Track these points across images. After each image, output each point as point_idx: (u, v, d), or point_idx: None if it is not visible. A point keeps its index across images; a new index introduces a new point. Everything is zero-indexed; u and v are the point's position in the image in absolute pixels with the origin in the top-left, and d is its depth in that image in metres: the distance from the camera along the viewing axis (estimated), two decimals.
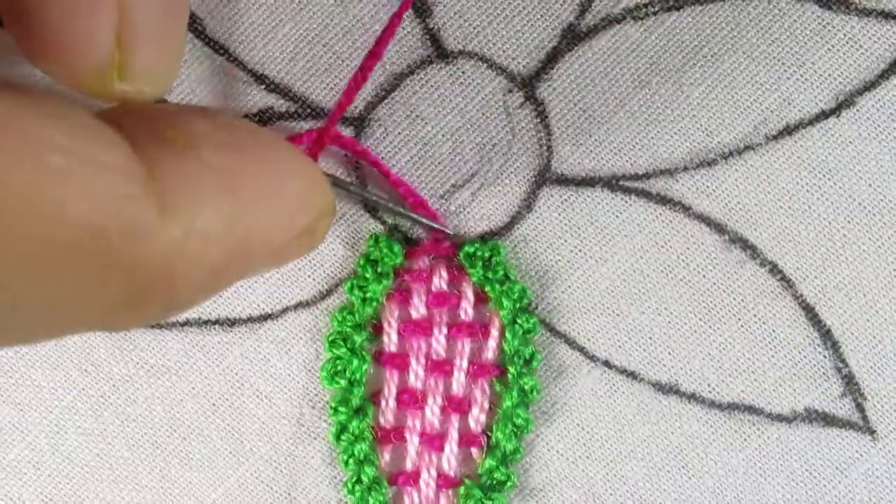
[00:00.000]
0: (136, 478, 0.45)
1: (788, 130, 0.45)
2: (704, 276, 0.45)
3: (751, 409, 0.45)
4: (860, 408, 0.45)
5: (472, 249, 0.44)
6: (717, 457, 0.45)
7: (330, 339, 0.44)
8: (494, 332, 0.45)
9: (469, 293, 0.45)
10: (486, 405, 0.45)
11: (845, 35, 0.44)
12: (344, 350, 0.44)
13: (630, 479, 0.45)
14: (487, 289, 0.44)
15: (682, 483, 0.45)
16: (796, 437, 0.45)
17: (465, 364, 0.44)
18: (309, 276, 0.45)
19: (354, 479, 0.44)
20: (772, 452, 0.45)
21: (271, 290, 0.45)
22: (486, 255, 0.44)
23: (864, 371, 0.44)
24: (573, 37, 0.45)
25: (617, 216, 0.45)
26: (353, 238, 0.45)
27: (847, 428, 0.45)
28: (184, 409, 0.45)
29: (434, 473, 0.44)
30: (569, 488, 0.45)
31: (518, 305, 0.44)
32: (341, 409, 0.44)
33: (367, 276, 0.44)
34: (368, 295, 0.44)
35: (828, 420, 0.45)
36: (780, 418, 0.45)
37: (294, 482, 0.45)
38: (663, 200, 0.45)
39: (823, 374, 0.44)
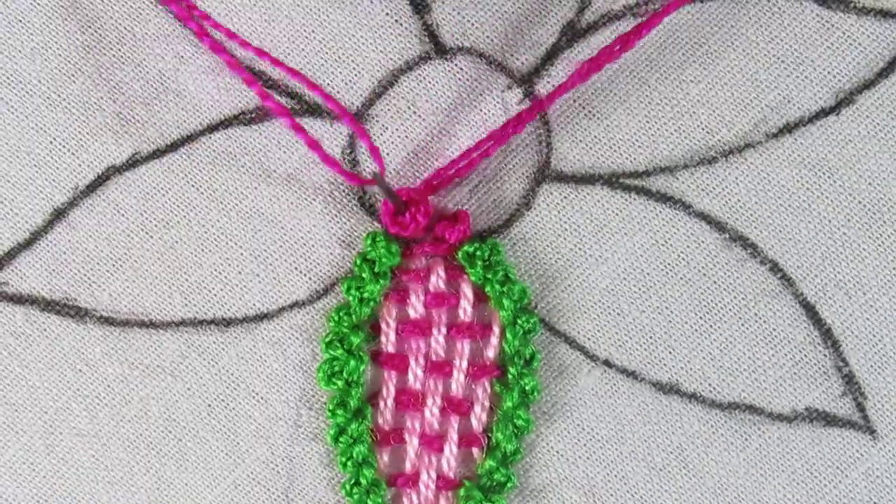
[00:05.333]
0: (131, 479, 0.45)
1: (788, 128, 0.45)
2: (705, 275, 0.45)
3: (751, 409, 0.44)
4: (860, 407, 0.44)
5: (471, 249, 0.44)
6: (717, 456, 0.45)
7: (326, 339, 0.44)
8: (495, 332, 0.44)
9: (468, 293, 0.44)
10: (487, 405, 0.44)
11: (844, 33, 0.45)
12: (341, 351, 0.43)
13: (631, 479, 0.45)
14: (487, 289, 0.44)
15: (682, 483, 0.45)
16: (797, 436, 0.44)
17: (464, 365, 0.44)
18: (304, 275, 0.45)
19: (353, 480, 0.44)
20: (772, 452, 0.44)
21: (266, 288, 0.45)
22: (486, 254, 0.44)
23: (864, 370, 0.44)
24: (573, 33, 0.45)
25: (617, 214, 0.45)
26: (350, 236, 0.45)
27: (847, 427, 0.44)
28: (179, 410, 0.45)
29: (433, 475, 0.44)
30: (569, 489, 0.45)
31: (518, 306, 0.44)
32: (339, 411, 0.43)
33: (364, 275, 0.44)
34: (366, 295, 0.44)
35: (828, 419, 0.44)
36: (780, 418, 0.44)
37: (291, 484, 0.45)
38: (663, 198, 0.45)
39: (824, 373, 0.44)
